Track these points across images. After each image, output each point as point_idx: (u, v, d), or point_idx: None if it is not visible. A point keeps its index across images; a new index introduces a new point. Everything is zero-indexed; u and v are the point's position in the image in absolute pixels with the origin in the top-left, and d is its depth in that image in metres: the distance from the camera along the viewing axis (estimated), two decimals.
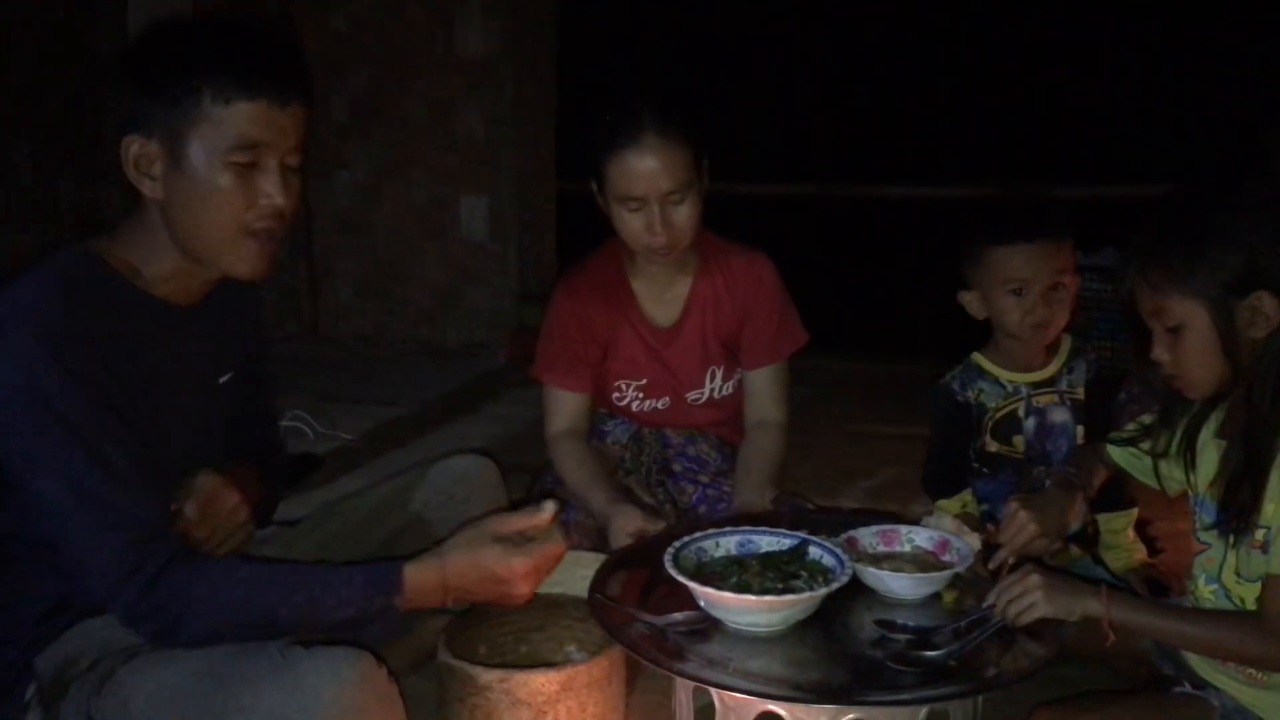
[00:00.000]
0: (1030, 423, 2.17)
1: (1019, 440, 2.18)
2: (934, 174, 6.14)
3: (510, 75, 5.03)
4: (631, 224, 2.08)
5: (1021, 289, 2.07)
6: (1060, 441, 2.16)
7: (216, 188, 1.41)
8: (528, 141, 5.09)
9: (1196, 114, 7.35)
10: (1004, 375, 2.19)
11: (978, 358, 2.22)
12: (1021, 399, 2.18)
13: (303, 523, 1.87)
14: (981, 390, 2.20)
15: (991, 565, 1.62)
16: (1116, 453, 1.78)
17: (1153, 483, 1.71)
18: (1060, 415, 2.17)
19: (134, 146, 1.41)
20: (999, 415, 2.18)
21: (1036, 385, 2.18)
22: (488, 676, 1.51)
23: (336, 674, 1.29)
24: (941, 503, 2.14)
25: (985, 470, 2.21)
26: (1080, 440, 2.14)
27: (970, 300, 2.18)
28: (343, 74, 4.98)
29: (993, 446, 2.20)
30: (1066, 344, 2.20)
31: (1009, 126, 9.10)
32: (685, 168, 2.05)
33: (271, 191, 1.43)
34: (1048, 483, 1.81)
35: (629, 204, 2.06)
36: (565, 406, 2.26)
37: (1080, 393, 2.17)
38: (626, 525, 1.96)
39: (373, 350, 4.94)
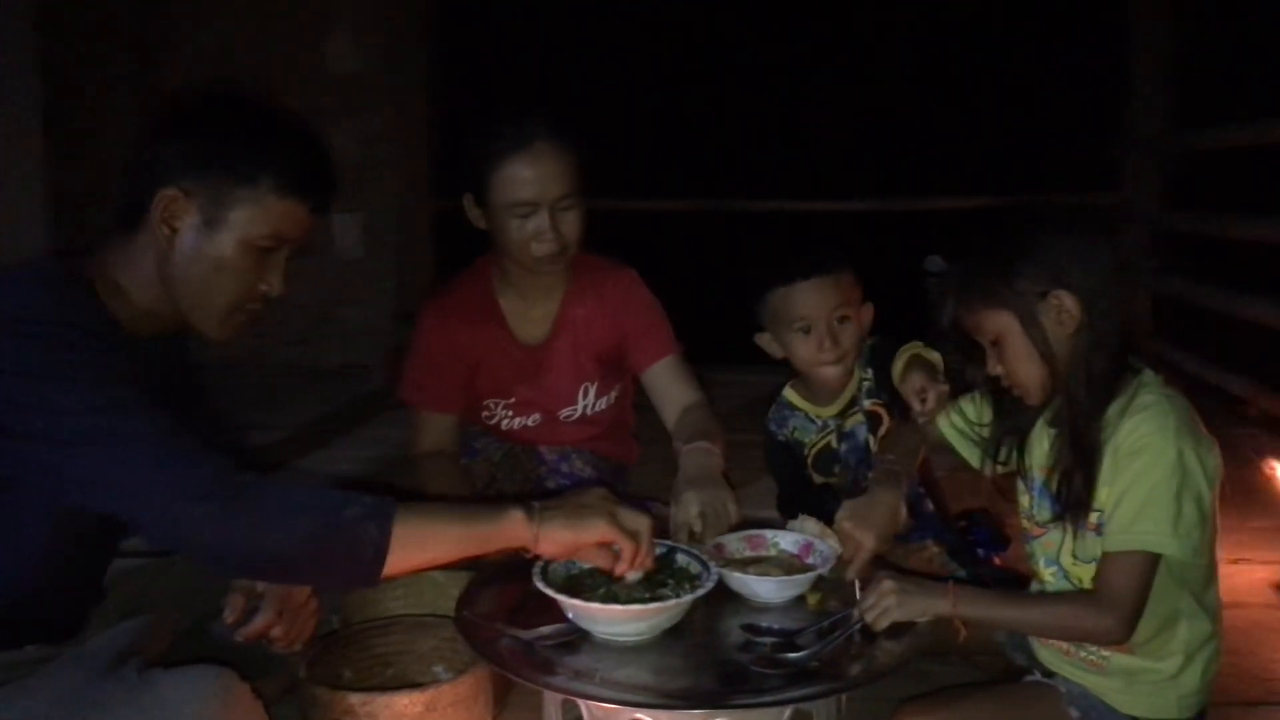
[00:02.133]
0: (844, 448, 2.18)
1: (841, 470, 2.19)
2: (809, 188, 6.27)
3: (384, 93, 4.99)
4: (520, 233, 2.05)
5: (808, 327, 2.08)
6: (865, 454, 2.16)
7: (232, 262, 1.48)
8: (403, 159, 5.05)
9: (1055, 129, 7.67)
10: (813, 410, 2.20)
11: (788, 393, 2.24)
12: (832, 431, 2.19)
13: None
14: (795, 428, 2.23)
15: (846, 579, 1.65)
16: (946, 428, 1.82)
17: (974, 459, 1.77)
18: (864, 432, 2.16)
19: (170, 196, 1.46)
20: (815, 450, 2.21)
21: (843, 413, 2.18)
22: (350, 700, 1.48)
23: (197, 691, 1.27)
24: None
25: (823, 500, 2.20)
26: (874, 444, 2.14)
27: (766, 341, 2.18)
28: None
29: (817, 479, 2.22)
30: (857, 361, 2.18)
31: (884, 142, 9.37)
32: (574, 174, 2.06)
33: (274, 282, 1.53)
34: (870, 477, 1.80)
35: (518, 210, 2.03)
36: (432, 427, 2.24)
37: (876, 405, 2.14)
38: None
39: (244, 374, 4.80)
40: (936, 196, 5.73)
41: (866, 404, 2.15)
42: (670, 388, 2.26)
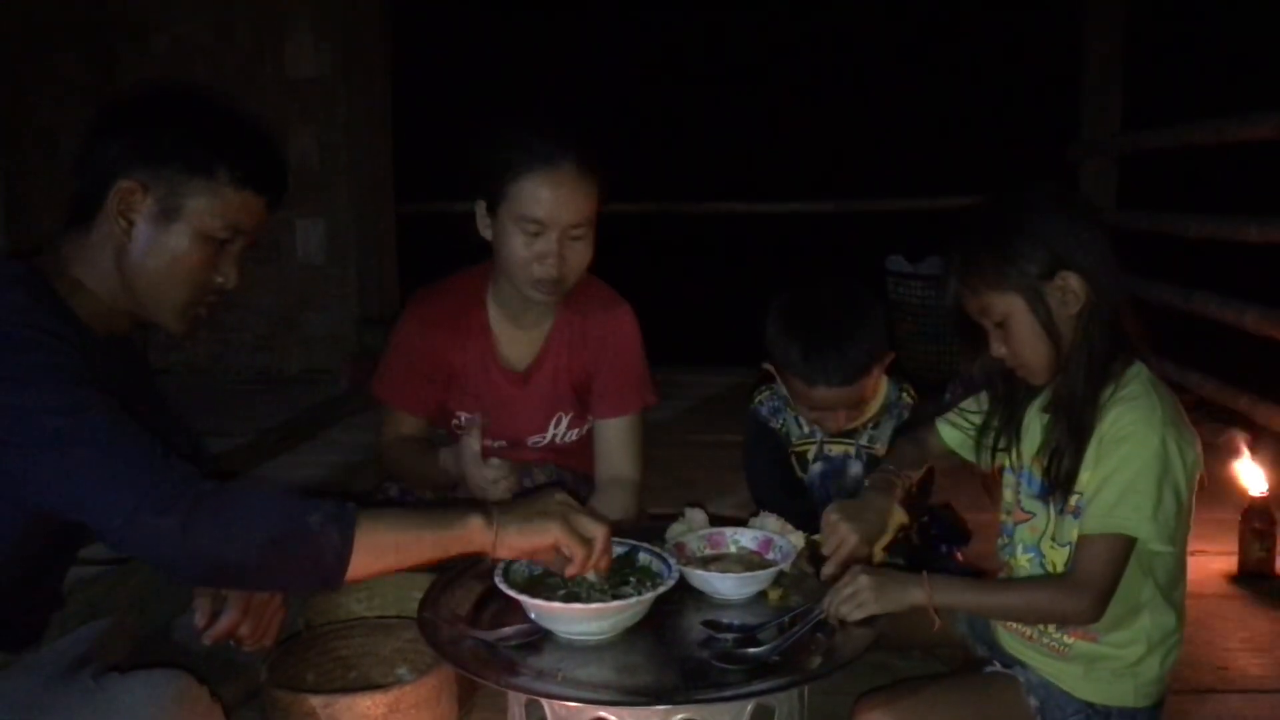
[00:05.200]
0: (818, 467, 2.23)
1: (808, 482, 2.27)
2: (768, 190, 6.30)
3: (344, 96, 4.96)
4: (523, 250, 1.96)
5: (821, 413, 2.14)
6: (837, 482, 2.22)
7: (188, 253, 1.49)
8: (364, 163, 5.02)
9: (1011, 131, 7.76)
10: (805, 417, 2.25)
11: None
12: (815, 442, 2.25)
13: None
14: (785, 422, 2.28)
15: (824, 576, 1.66)
16: (948, 433, 1.84)
17: (976, 460, 1.78)
18: (854, 468, 2.22)
19: (127, 188, 1.46)
20: (795, 450, 2.28)
21: (834, 434, 2.22)
22: (312, 702, 1.47)
23: (154, 694, 1.26)
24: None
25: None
26: None
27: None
28: None
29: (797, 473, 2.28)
30: (880, 397, 2.21)
31: (841, 144, 9.44)
32: (592, 205, 1.98)
33: (229, 273, 1.55)
34: (866, 482, 1.83)
35: (528, 226, 1.94)
36: (402, 424, 2.21)
37: (880, 449, 2.20)
38: (489, 473, 1.89)
39: (207, 380, 4.77)
40: (896, 198, 5.77)
41: (863, 440, 2.21)
42: (610, 453, 2.21)
